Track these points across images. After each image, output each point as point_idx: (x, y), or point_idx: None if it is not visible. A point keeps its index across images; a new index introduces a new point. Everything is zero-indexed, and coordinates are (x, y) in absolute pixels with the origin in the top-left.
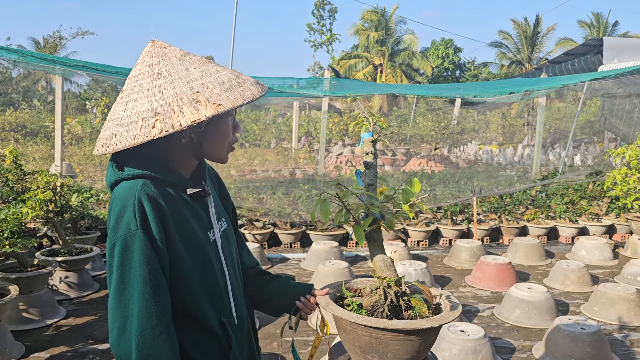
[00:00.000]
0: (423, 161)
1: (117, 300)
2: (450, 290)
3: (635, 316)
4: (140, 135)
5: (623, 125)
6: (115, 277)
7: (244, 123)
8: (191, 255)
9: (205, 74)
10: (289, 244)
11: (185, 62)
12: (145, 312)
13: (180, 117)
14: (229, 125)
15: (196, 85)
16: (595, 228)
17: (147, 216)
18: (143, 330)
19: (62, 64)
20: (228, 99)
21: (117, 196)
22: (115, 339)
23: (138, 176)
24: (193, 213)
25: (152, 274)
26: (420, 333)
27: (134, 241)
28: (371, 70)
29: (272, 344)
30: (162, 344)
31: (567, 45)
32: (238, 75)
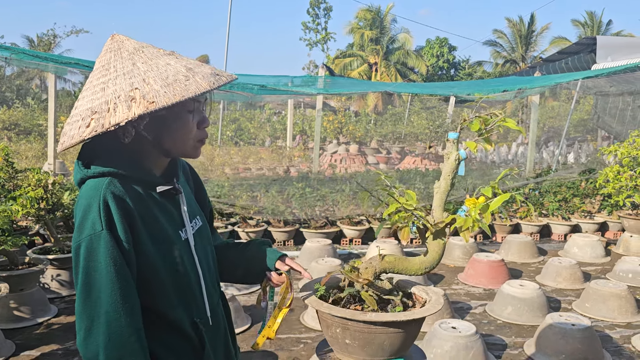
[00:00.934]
0: (417, 159)
1: (83, 302)
2: (443, 288)
3: (627, 313)
4: (77, 134)
5: (616, 123)
6: (81, 278)
7: (238, 121)
8: (160, 254)
9: (151, 68)
10: (282, 241)
11: (135, 56)
12: (114, 314)
13: (112, 116)
14: (189, 122)
15: (136, 82)
16: (587, 225)
17: (112, 216)
18: (111, 332)
19: (55, 61)
20: (165, 95)
21: (83, 195)
22: (82, 341)
23: (104, 174)
24: (163, 211)
25: (120, 275)
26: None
27: (99, 242)
28: (366, 69)
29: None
30: (131, 346)
31: (561, 44)
32: (191, 68)
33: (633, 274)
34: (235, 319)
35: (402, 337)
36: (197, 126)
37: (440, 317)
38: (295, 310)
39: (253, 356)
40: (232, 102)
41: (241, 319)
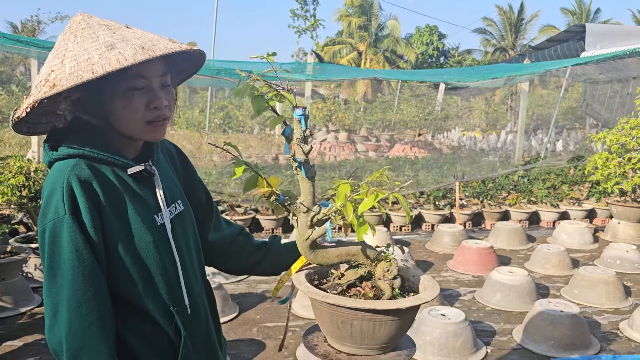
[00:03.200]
0: (407, 147)
1: (48, 288)
2: (432, 275)
3: (614, 299)
4: (20, 110)
5: (604, 110)
6: (46, 263)
7: (227, 109)
8: (130, 240)
9: (78, 46)
10: (270, 229)
11: (77, 34)
12: (75, 302)
13: (26, 101)
14: (132, 101)
15: (56, 63)
16: (576, 212)
17: (76, 200)
18: (72, 321)
19: (37, 45)
20: (70, 77)
21: (48, 178)
22: (48, 328)
23: (71, 156)
24: (135, 195)
25: (82, 262)
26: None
27: (62, 227)
28: (355, 57)
29: (252, 329)
30: (92, 336)
31: (550, 32)
32: (114, 44)
33: (621, 260)
34: (222, 307)
35: (399, 324)
36: (147, 105)
37: (429, 304)
38: (283, 298)
39: (240, 344)
40: (220, 89)
41: (228, 307)
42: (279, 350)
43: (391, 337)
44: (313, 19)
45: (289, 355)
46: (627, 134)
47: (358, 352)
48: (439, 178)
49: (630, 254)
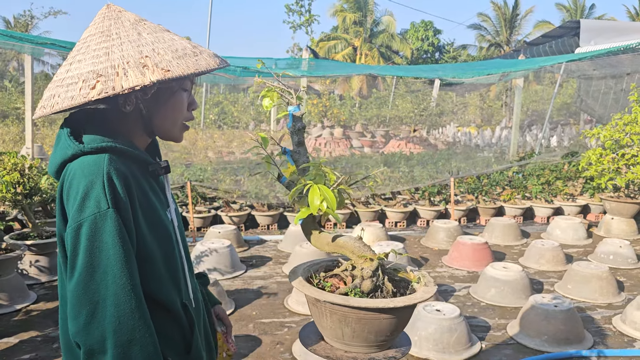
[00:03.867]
0: (402, 143)
1: (84, 286)
2: (427, 270)
3: (607, 294)
4: (78, 96)
5: (598, 106)
6: (82, 260)
7: (222, 105)
8: (154, 235)
9: (158, 40)
10: (266, 225)
11: (138, 26)
12: (124, 297)
13: (123, 80)
14: (184, 100)
15: (146, 50)
16: (570, 208)
17: (118, 193)
18: (122, 315)
19: (30, 41)
20: (179, 66)
21: (80, 172)
22: (82, 327)
23: (102, 149)
24: (153, 191)
25: (127, 255)
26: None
27: (105, 221)
28: (351, 52)
29: (247, 325)
30: (143, 328)
31: (545, 28)
32: (195, 45)
33: (614, 256)
34: None
35: (395, 322)
36: (187, 107)
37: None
38: (279, 294)
39: (236, 340)
40: (215, 85)
41: (224, 303)
42: None
43: (385, 334)
44: (308, 14)
45: (285, 351)
46: (620, 130)
47: (354, 349)
48: (434, 174)
49: (624, 249)
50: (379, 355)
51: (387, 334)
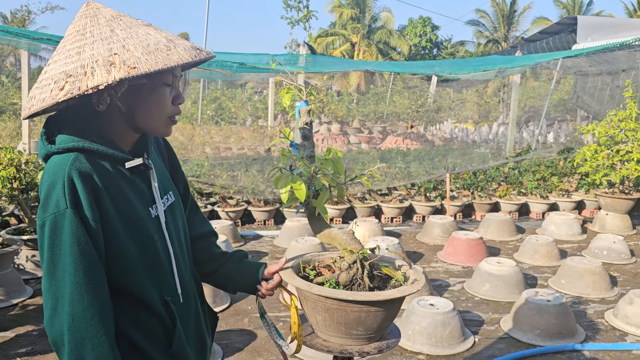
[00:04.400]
0: (399, 139)
1: (49, 281)
2: (422, 266)
3: (600, 289)
4: (49, 97)
5: (595, 103)
6: (46, 256)
7: (219, 100)
8: (129, 232)
9: (131, 36)
10: (262, 221)
11: (113, 23)
12: (77, 295)
13: (90, 79)
14: (166, 95)
15: (115, 47)
16: (565, 204)
17: (77, 193)
18: (74, 313)
19: (27, 36)
20: (147, 62)
21: (47, 172)
22: (48, 319)
23: (70, 149)
24: (132, 188)
25: (84, 255)
26: (393, 302)
27: (63, 220)
28: (348, 48)
29: (243, 320)
30: (94, 328)
31: (542, 24)
32: (171, 39)
33: (608, 251)
34: (214, 298)
35: (383, 315)
36: (173, 102)
37: (418, 295)
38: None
39: (232, 334)
40: (212, 81)
41: (220, 298)
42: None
43: (373, 327)
44: (306, 10)
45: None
46: (615, 126)
47: (343, 341)
48: (430, 170)
49: (617, 244)
50: (352, 347)
51: (358, 326)
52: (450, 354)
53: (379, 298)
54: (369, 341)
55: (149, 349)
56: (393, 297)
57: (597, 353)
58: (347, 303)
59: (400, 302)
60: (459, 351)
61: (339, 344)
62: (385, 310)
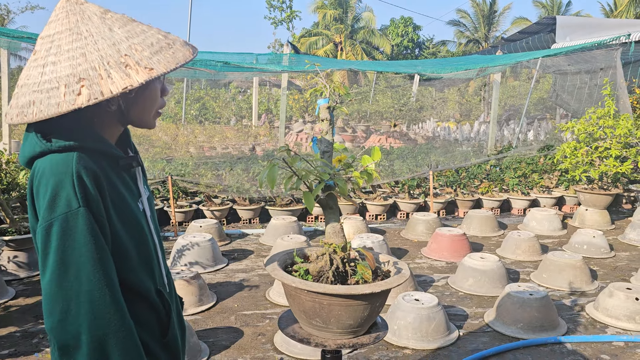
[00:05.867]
0: (383, 138)
1: (57, 284)
2: (406, 262)
3: (581, 282)
4: (64, 103)
5: (573, 101)
6: (53, 259)
7: (203, 100)
8: (126, 227)
9: (131, 34)
10: (248, 219)
11: (107, 20)
12: (98, 292)
13: (109, 83)
14: (157, 90)
15: (123, 48)
16: (545, 200)
17: (89, 191)
18: (96, 310)
19: (6, 35)
20: (160, 63)
21: (49, 170)
22: (57, 323)
23: (70, 147)
24: (124, 184)
25: (100, 252)
26: (363, 298)
27: (76, 219)
28: (332, 48)
29: (229, 317)
30: (118, 321)
31: (522, 24)
32: (166, 35)
33: (588, 246)
34: (200, 296)
35: (369, 308)
36: (160, 96)
37: (403, 290)
38: (261, 286)
39: (218, 332)
40: (196, 80)
41: (206, 296)
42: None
43: (357, 320)
44: (289, 10)
45: (267, 342)
46: (594, 123)
47: (328, 335)
48: (414, 168)
49: (597, 239)
50: (355, 341)
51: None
52: (435, 348)
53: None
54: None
55: (147, 340)
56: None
57: (579, 345)
58: (300, 290)
59: (365, 298)
60: (444, 345)
61: (307, 333)
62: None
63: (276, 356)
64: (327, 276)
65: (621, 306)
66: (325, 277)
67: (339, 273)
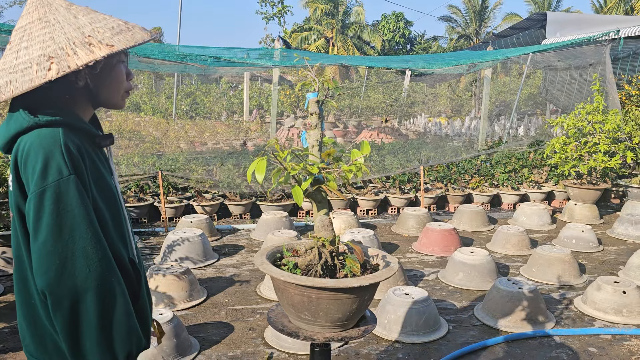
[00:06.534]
0: (374, 133)
1: (52, 244)
2: (397, 256)
3: (570, 276)
4: (36, 78)
5: (563, 96)
6: (47, 222)
7: (194, 95)
8: (104, 200)
9: (93, 20)
10: (238, 215)
11: (72, 10)
12: (91, 249)
13: (75, 58)
14: (122, 72)
15: (87, 30)
16: (535, 195)
17: (77, 161)
18: (90, 264)
19: None
20: (120, 41)
21: (37, 143)
22: (53, 279)
23: (55, 123)
24: (99, 160)
25: (90, 215)
26: (351, 292)
27: (68, 186)
28: (323, 43)
29: (220, 312)
30: (110, 272)
31: (513, 20)
32: (126, 22)
33: (576, 240)
34: (190, 291)
35: (357, 302)
36: (126, 78)
37: (394, 284)
38: (252, 281)
39: (209, 327)
40: (187, 75)
41: (197, 291)
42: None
43: (346, 314)
44: (281, 5)
45: (257, 336)
46: (583, 118)
47: (317, 329)
48: (405, 163)
49: (586, 233)
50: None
51: (311, 310)
52: (425, 342)
53: (305, 283)
54: (343, 328)
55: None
56: (324, 286)
57: (567, 338)
58: (289, 284)
59: (352, 292)
60: (434, 339)
61: (296, 327)
62: (321, 298)
63: (267, 351)
64: (316, 270)
65: (609, 299)
66: (314, 271)
67: (328, 267)
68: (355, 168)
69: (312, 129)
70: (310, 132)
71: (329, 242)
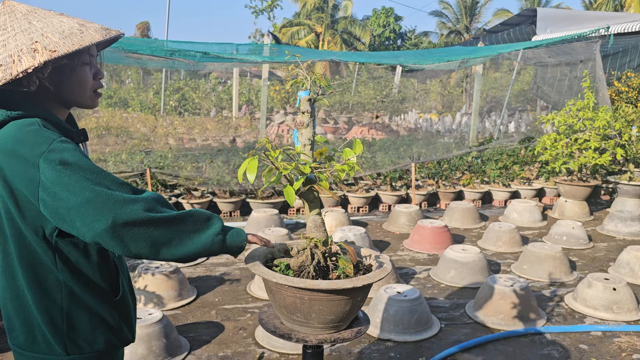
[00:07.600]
0: (365, 129)
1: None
2: (388, 254)
3: (561, 273)
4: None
5: (554, 93)
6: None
7: (182, 91)
8: None
9: (47, 25)
10: (228, 212)
11: (29, 16)
12: (115, 177)
13: (18, 65)
14: (86, 73)
15: (36, 36)
16: (526, 192)
17: (59, 133)
18: (124, 187)
19: None
20: (64, 45)
21: (15, 130)
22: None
23: (29, 116)
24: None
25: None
26: (344, 293)
27: (64, 143)
28: (313, 38)
29: (210, 312)
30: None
31: (503, 16)
32: (83, 24)
33: (567, 237)
34: (180, 291)
35: (351, 303)
36: (94, 77)
37: (385, 283)
38: (242, 280)
39: (199, 326)
40: (175, 71)
41: (186, 290)
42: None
43: (339, 315)
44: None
45: (248, 336)
46: (574, 115)
47: (309, 331)
48: (396, 159)
49: (576, 230)
50: (336, 335)
51: (304, 312)
52: (417, 340)
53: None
54: (336, 329)
55: (98, 302)
56: (317, 287)
57: (558, 335)
58: (281, 286)
59: (346, 293)
60: (426, 337)
61: (289, 329)
62: (313, 299)
63: (258, 350)
64: (309, 271)
65: (599, 296)
66: (307, 272)
67: (321, 268)
68: (348, 167)
69: (304, 127)
70: (302, 131)
71: (322, 243)
